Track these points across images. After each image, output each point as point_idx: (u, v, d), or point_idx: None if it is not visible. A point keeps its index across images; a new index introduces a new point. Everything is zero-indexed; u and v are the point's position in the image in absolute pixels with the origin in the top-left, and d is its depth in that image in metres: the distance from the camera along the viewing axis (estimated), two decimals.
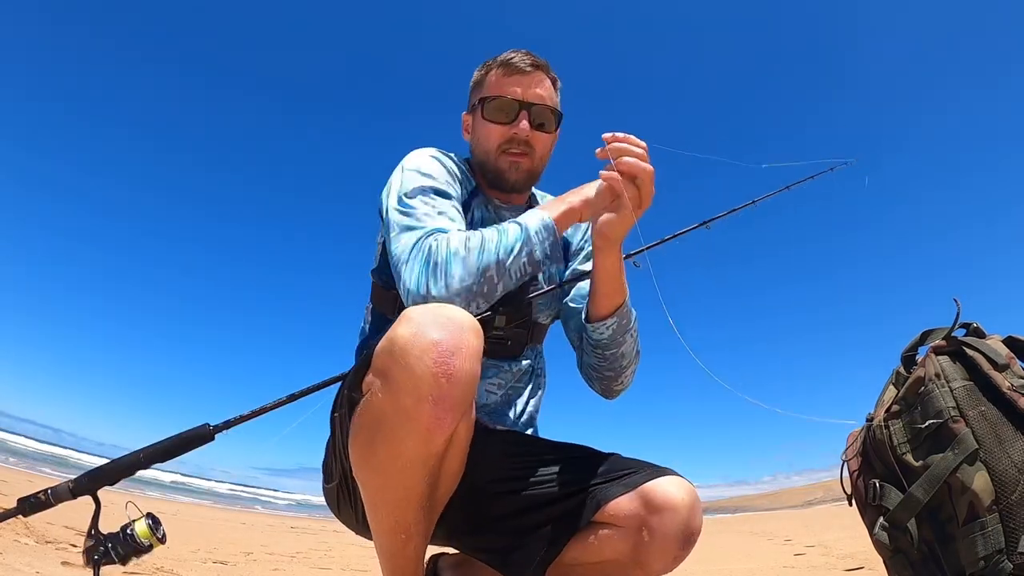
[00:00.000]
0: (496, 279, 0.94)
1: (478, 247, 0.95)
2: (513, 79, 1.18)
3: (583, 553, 1.02)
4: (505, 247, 0.96)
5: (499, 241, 0.96)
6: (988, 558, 0.83)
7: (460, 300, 0.91)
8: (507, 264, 0.95)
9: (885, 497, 0.95)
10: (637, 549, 0.97)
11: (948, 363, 0.95)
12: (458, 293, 0.91)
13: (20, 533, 2.32)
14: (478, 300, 0.93)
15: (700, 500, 1.01)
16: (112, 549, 0.83)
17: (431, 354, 0.77)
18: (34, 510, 0.86)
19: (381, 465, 0.84)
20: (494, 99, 1.17)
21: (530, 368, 1.25)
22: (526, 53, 1.20)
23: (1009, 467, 0.85)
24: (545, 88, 1.20)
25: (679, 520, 0.96)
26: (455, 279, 0.92)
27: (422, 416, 0.78)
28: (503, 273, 0.95)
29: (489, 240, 0.96)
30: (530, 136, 1.17)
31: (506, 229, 0.98)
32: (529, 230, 0.98)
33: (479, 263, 0.93)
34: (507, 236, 0.97)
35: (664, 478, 1.00)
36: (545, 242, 0.99)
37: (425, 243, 0.96)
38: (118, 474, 0.87)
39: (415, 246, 0.96)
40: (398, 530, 0.90)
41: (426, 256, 0.94)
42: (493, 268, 0.94)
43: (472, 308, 0.93)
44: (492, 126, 1.18)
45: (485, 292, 0.93)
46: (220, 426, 0.91)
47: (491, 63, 1.22)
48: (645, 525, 0.97)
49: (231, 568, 2.74)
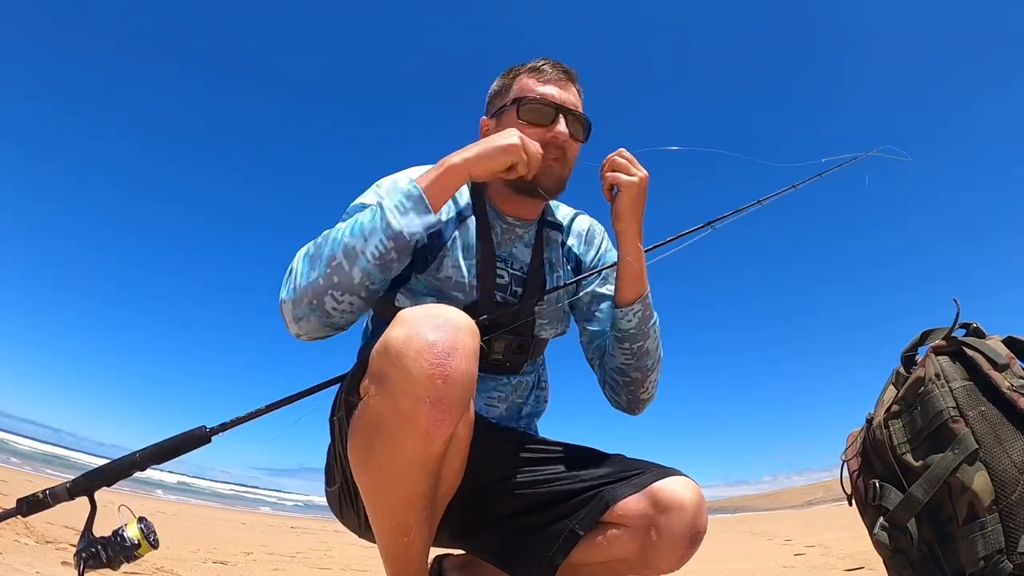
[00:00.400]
0: (347, 265, 0.92)
1: (325, 240, 0.95)
2: (548, 84, 1.15)
3: (591, 553, 1.02)
4: (351, 231, 0.94)
5: (349, 226, 0.95)
6: (988, 558, 0.83)
7: (309, 295, 0.92)
8: (357, 247, 0.93)
9: (885, 497, 0.95)
10: (645, 548, 0.98)
11: (948, 363, 0.95)
12: (306, 289, 0.92)
13: (20, 533, 2.32)
14: (331, 292, 0.93)
15: (705, 500, 1.02)
16: (103, 552, 0.83)
17: (427, 355, 0.76)
18: (33, 510, 0.86)
19: (380, 467, 0.84)
20: (531, 100, 1.13)
21: (532, 382, 1.25)
22: (558, 62, 1.18)
23: (1009, 467, 0.84)
24: (577, 98, 1.19)
25: (687, 519, 0.97)
26: (301, 277, 0.93)
27: (420, 418, 0.77)
28: (354, 257, 0.92)
29: (337, 229, 0.95)
30: (568, 143, 1.13)
31: (360, 214, 0.97)
32: (385, 207, 0.95)
33: (325, 253, 0.93)
34: (357, 220, 0.95)
35: (671, 478, 1.01)
36: (409, 213, 0.95)
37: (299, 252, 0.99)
38: (115, 475, 0.87)
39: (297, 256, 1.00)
40: (400, 532, 0.89)
41: (289, 266, 0.97)
42: (340, 254, 0.92)
43: (328, 302, 0.93)
44: (528, 128, 1.12)
45: (337, 282, 0.92)
46: (216, 428, 0.90)
47: (518, 69, 1.19)
48: (653, 524, 0.98)
49: (231, 568, 2.74)
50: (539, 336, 1.22)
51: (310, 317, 0.94)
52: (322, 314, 0.94)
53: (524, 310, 1.15)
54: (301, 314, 0.94)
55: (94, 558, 0.82)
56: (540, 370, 1.29)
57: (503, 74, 1.22)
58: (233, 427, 0.91)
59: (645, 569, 1.01)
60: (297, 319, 0.95)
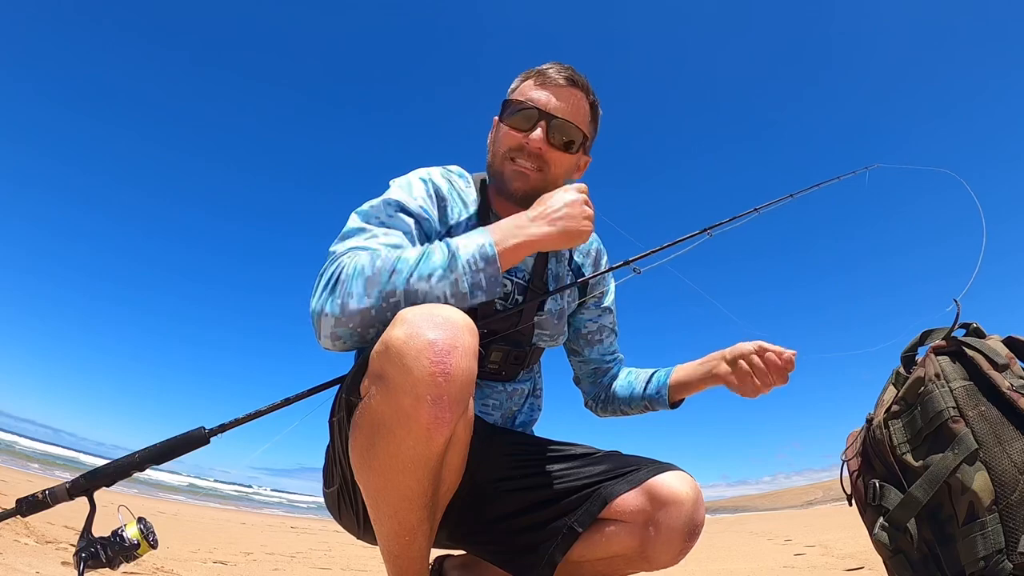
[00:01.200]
0: (404, 306, 0.85)
1: (388, 268, 0.87)
2: (543, 89, 1.13)
3: (591, 549, 1.03)
4: (419, 273, 0.87)
5: (415, 265, 0.87)
6: (988, 558, 0.83)
7: (357, 320, 0.86)
8: (419, 292, 0.86)
9: (885, 497, 0.95)
10: (644, 543, 1.00)
11: (948, 363, 0.95)
12: (355, 314, 0.86)
13: (20, 533, 2.32)
14: (377, 326, 0.86)
15: (702, 494, 1.03)
16: (102, 552, 0.83)
17: (427, 354, 0.76)
18: (32, 510, 0.86)
19: (382, 467, 0.84)
20: (515, 104, 1.12)
21: (527, 390, 1.25)
22: (566, 67, 1.15)
23: (1009, 467, 0.84)
24: (575, 105, 1.14)
25: (684, 513, 0.99)
26: (352, 299, 0.86)
27: (421, 416, 0.77)
28: (413, 302, 0.86)
29: (404, 261, 0.88)
30: (544, 150, 1.10)
31: (430, 252, 0.90)
32: (459, 258, 0.89)
33: (383, 286, 0.86)
34: (427, 260, 0.88)
35: (668, 473, 1.02)
36: (479, 274, 0.89)
37: (343, 257, 0.92)
38: (115, 476, 0.87)
39: (335, 256, 0.93)
40: (402, 531, 0.89)
41: (335, 270, 0.90)
42: (400, 294, 0.86)
43: (372, 332, 0.87)
44: (508, 131, 1.12)
45: (390, 317, 0.85)
46: (215, 429, 0.90)
47: (528, 72, 1.17)
48: (651, 520, 0.99)
49: (231, 568, 2.74)
50: (537, 345, 1.22)
51: (348, 340, 0.89)
52: (360, 340, 0.90)
53: (524, 319, 1.15)
54: (341, 335, 0.88)
55: (94, 558, 0.82)
56: (536, 378, 1.29)
57: (518, 76, 1.20)
58: (232, 428, 0.90)
59: (644, 564, 1.02)
60: (336, 338, 0.89)
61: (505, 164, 1.13)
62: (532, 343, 1.20)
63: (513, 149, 1.12)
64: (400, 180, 1.11)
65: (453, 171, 1.21)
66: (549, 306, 1.21)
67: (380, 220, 1.01)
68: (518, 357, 1.17)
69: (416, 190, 1.09)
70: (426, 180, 1.12)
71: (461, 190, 1.18)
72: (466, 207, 1.16)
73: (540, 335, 1.21)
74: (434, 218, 1.09)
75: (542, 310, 1.20)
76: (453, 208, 1.15)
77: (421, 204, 1.07)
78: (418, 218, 1.05)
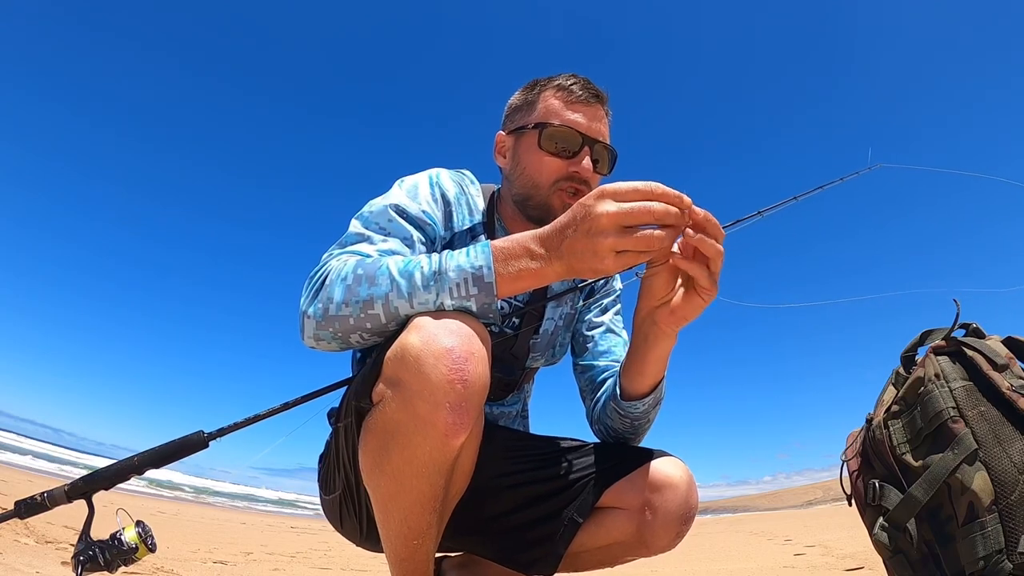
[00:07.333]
0: (384, 318, 0.83)
1: (368, 277, 0.84)
2: (576, 108, 1.07)
3: (590, 539, 1.05)
4: (400, 288, 0.82)
5: (396, 278, 0.83)
6: (988, 558, 0.83)
7: (336, 326, 0.85)
8: (399, 309, 0.82)
9: (885, 497, 0.95)
10: (641, 528, 1.01)
11: (948, 363, 0.95)
12: (333, 320, 0.85)
13: (20, 533, 2.32)
14: (361, 332, 0.85)
15: (694, 478, 1.05)
16: (100, 555, 0.83)
17: (445, 360, 0.76)
18: (30, 512, 0.86)
19: (395, 471, 0.83)
20: (556, 128, 1.05)
21: (516, 412, 1.26)
22: (588, 81, 1.09)
23: (1009, 467, 0.84)
24: (605, 124, 1.09)
25: (679, 497, 1.00)
26: (332, 304, 0.85)
27: (439, 422, 0.76)
28: (393, 315, 0.83)
29: (386, 273, 0.84)
30: (592, 180, 1.06)
31: (416, 265, 0.83)
32: (448, 280, 0.81)
33: (363, 295, 0.83)
34: (412, 277, 0.82)
35: (661, 459, 1.04)
36: (469, 300, 0.81)
37: (332, 261, 0.91)
38: (113, 479, 0.87)
39: (325, 260, 0.93)
40: (411, 535, 0.88)
41: (323, 273, 0.89)
42: (379, 306, 0.83)
43: (354, 338, 0.86)
44: (549, 158, 1.06)
45: (369, 327, 0.84)
46: (214, 433, 0.90)
47: (543, 84, 1.10)
48: (648, 505, 1.01)
49: (231, 568, 2.74)
50: (530, 367, 1.22)
51: (331, 342, 0.88)
52: (344, 344, 0.89)
53: (519, 343, 1.14)
54: (323, 337, 0.88)
55: (92, 561, 0.82)
56: (525, 399, 1.29)
57: (525, 87, 1.14)
58: (231, 432, 0.90)
59: (642, 549, 1.04)
60: (318, 339, 0.88)
61: (554, 196, 1.06)
62: (526, 365, 1.19)
63: (563, 178, 1.06)
64: (407, 181, 1.09)
65: (466, 175, 1.18)
66: (546, 326, 1.19)
67: (379, 226, 0.99)
68: (508, 385, 1.17)
69: (421, 194, 1.06)
70: (433, 183, 1.10)
71: (471, 196, 1.15)
72: (472, 215, 1.13)
73: (534, 358, 1.20)
74: (438, 223, 1.07)
75: (538, 333, 1.18)
76: (459, 214, 1.12)
77: (424, 208, 1.04)
78: (419, 223, 1.03)
